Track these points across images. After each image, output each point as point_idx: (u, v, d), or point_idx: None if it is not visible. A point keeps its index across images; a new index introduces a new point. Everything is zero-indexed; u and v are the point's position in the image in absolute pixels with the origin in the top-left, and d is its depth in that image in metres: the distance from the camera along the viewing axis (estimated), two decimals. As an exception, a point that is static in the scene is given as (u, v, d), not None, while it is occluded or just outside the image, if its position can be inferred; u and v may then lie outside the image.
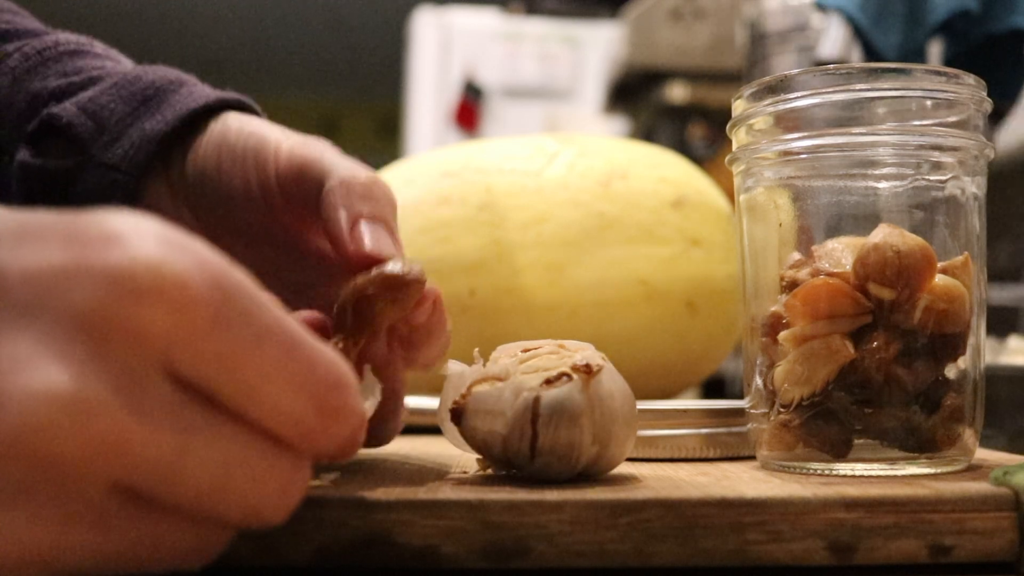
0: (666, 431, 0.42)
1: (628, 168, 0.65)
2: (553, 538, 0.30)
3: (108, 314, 0.21)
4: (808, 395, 0.36)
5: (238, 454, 0.23)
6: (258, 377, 0.23)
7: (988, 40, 0.90)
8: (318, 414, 0.25)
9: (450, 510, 0.30)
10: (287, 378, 0.24)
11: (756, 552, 0.30)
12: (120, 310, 0.21)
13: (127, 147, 0.42)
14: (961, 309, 0.37)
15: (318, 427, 0.25)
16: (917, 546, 0.31)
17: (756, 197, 0.40)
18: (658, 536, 0.30)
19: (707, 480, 0.35)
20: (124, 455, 0.22)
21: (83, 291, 0.21)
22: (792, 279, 0.38)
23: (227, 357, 0.23)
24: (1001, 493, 0.31)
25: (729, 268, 0.65)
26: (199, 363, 0.23)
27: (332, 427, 0.25)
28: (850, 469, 0.36)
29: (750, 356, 0.40)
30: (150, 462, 0.22)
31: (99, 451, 0.21)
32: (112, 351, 0.22)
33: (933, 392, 0.37)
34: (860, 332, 0.36)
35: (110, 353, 0.22)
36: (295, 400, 0.24)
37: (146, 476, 0.22)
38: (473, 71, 2.84)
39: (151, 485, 0.22)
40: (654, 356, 0.64)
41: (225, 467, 0.23)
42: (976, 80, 0.38)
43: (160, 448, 0.22)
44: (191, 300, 0.22)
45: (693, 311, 0.63)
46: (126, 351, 0.22)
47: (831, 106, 0.37)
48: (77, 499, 0.22)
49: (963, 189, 0.38)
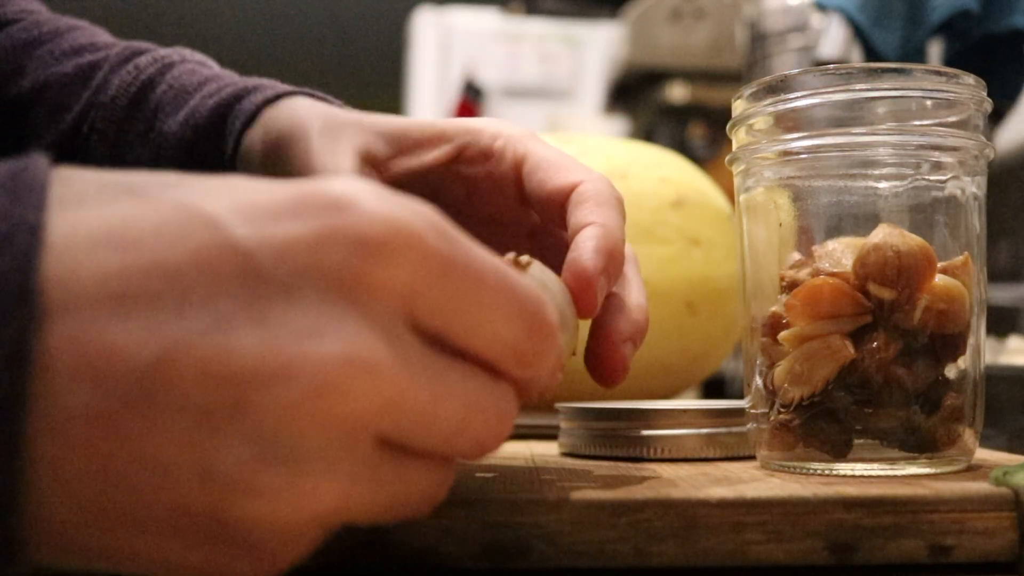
0: (666, 431, 0.42)
1: (628, 168, 0.65)
2: (553, 538, 0.30)
3: (362, 274, 0.22)
4: (808, 395, 0.36)
5: (473, 392, 0.25)
6: (481, 312, 0.25)
7: (988, 40, 0.90)
8: (529, 336, 0.26)
9: (450, 510, 0.30)
10: (504, 308, 0.25)
11: (756, 552, 0.30)
12: (372, 268, 0.22)
13: None
14: (961, 309, 0.37)
15: (531, 349, 0.26)
16: (917, 546, 0.31)
17: (756, 197, 0.40)
18: (658, 536, 0.30)
19: (707, 480, 0.35)
20: (398, 409, 0.23)
21: (336, 257, 0.22)
22: (792, 279, 0.38)
23: (457, 299, 0.24)
24: (1001, 493, 0.31)
25: (729, 268, 0.65)
26: (435, 309, 0.24)
27: (542, 346, 0.26)
28: (850, 469, 0.36)
29: (750, 356, 0.40)
30: (412, 412, 0.23)
31: (383, 407, 0.23)
32: (373, 310, 0.23)
33: (933, 392, 0.37)
34: (860, 332, 0.36)
35: (372, 312, 0.23)
36: (512, 327, 0.25)
37: (407, 426, 0.24)
38: (473, 71, 2.84)
39: (409, 434, 0.24)
40: (654, 356, 0.64)
41: (465, 407, 0.25)
42: (976, 80, 0.38)
43: (419, 398, 0.23)
44: (427, 251, 0.23)
45: (693, 311, 0.63)
46: (383, 308, 0.23)
47: (831, 106, 0.37)
48: (357, 456, 0.23)
49: (963, 189, 0.38)
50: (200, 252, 0.22)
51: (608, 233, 0.35)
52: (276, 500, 0.22)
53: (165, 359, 0.21)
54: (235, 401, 0.21)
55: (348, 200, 0.23)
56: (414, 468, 0.25)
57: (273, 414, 0.21)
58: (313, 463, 0.22)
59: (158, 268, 0.21)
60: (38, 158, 0.23)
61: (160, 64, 0.50)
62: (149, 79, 0.49)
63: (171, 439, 0.21)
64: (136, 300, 0.21)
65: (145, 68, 0.50)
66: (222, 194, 0.23)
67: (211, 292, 0.22)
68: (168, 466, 0.21)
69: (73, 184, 0.23)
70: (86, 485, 0.21)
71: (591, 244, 0.35)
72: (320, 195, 0.23)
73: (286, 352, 0.21)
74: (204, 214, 0.22)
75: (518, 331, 0.26)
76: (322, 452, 0.22)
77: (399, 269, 0.23)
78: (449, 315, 0.24)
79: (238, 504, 0.21)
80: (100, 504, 0.21)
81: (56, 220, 0.21)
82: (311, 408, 0.22)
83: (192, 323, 0.21)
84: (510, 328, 0.25)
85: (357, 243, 0.22)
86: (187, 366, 0.21)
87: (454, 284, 0.24)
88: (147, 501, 0.21)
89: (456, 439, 0.25)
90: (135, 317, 0.21)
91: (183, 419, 0.21)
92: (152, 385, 0.21)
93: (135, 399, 0.21)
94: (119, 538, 0.22)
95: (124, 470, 0.21)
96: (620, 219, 0.37)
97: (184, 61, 0.50)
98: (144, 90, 0.49)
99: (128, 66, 0.50)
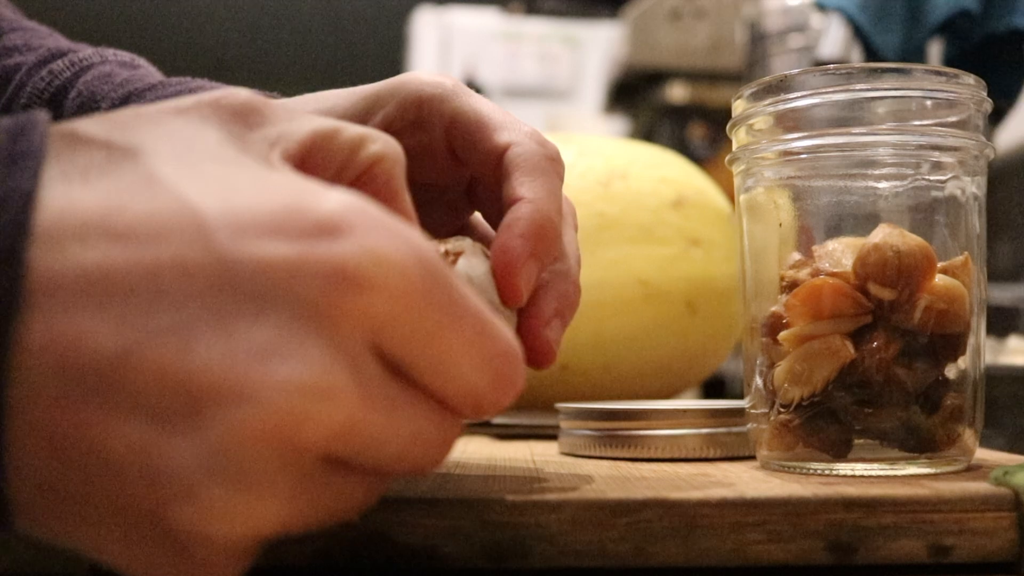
0: (666, 431, 0.42)
1: (628, 168, 0.65)
2: (553, 538, 0.30)
3: (335, 303, 0.22)
4: (808, 395, 0.36)
5: (424, 423, 0.25)
6: (451, 354, 0.25)
7: (988, 40, 0.90)
8: (494, 388, 0.26)
9: (450, 509, 0.30)
10: (476, 356, 0.25)
11: (756, 552, 0.30)
12: (346, 299, 0.23)
13: None
14: (961, 309, 0.37)
15: (492, 399, 0.26)
16: (917, 546, 0.31)
17: (756, 197, 0.40)
18: (658, 536, 0.30)
19: (707, 480, 0.35)
20: (349, 435, 0.23)
21: (312, 284, 0.22)
22: (792, 279, 0.38)
23: (429, 337, 0.24)
24: (1001, 493, 0.31)
25: (729, 268, 0.65)
26: (404, 342, 0.24)
27: (503, 398, 0.27)
28: (850, 469, 0.36)
29: (750, 356, 0.40)
30: (363, 438, 0.24)
31: (335, 434, 0.23)
32: (340, 338, 0.23)
33: (933, 392, 0.37)
34: (860, 332, 0.36)
35: (338, 337, 0.23)
36: (479, 376, 0.26)
37: (355, 449, 0.24)
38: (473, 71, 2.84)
39: (355, 455, 0.24)
40: (654, 356, 0.64)
41: (413, 436, 0.25)
42: (976, 80, 0.38)
43: (372, 426, 0.24)
44: (408, 287, 0.23)
45: (693, 311, 0.63)
46: (350, 334, 0.23)
47: (831, 106, 0.37)
48: (300, 475, 0.23)
49: (963, 189, 0.38)
50: (181, 255, 0.22)
51: (537, 209, 0.34)
52: (213, 514, 0.22)
53: (127, 355, 0.21)
54: (189, 410, 0.21)
55: (337, 224, 0.23)
56: (352, 483, 0.25)
57: (224, 430, 0.21)
58: (256, 483, 0.22)
59: (139, 265, 0.22)
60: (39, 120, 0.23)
61: (77, 68, 0.48)
62: (62, 85, 0.48)
63: (124, 435, 0.21)
64: (112, 294, 0.21)
65: (60, 73, 0.48)
66: (223, 187, 0.23)
67: (184, 296, 0.22)
68: (119, 462, 0.21)
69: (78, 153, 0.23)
70: (43, 466, 0.21)
71: (518, 227, 0.33)
72: (312, 213, 0.23)
73: (246, 371, 0.22)
74: (195, 214, 0.22)
75: (484, 380, 0.26)
76: (267, 473, 0.22)
77: (374, 300, 0.23)
78: (417, 350, 0.24)
79: (178, 510, 0.22)
80: (54, 487, 0.22)
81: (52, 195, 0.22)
82: (263, 431, 0.22)
83: (159, 323, 0.21)
84: (477, 376, 0.26)
85: (336, 274, 0.22)
86: (147, 365, 0.21)
87: (429, 322, 0.24)
88: (96, 492, 0.22)
89: (398, 462, 0.25)
90: (107, 309, 0.21)
91: (137, 418, 0.21)
92: (112, 378, 0.21)
93: (95, 390, 0.21)
94: (68, 524, 0.22)
95: (78, 459, 0.21)
96: (552, 183, 0.35)
97: (104, 62, 0.49)
98: (57, 96, 0.47)
99: (43, 71, 0.49)
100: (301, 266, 0.22)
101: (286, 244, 0.22)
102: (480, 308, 0.26)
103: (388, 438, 0.24)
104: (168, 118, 0.25)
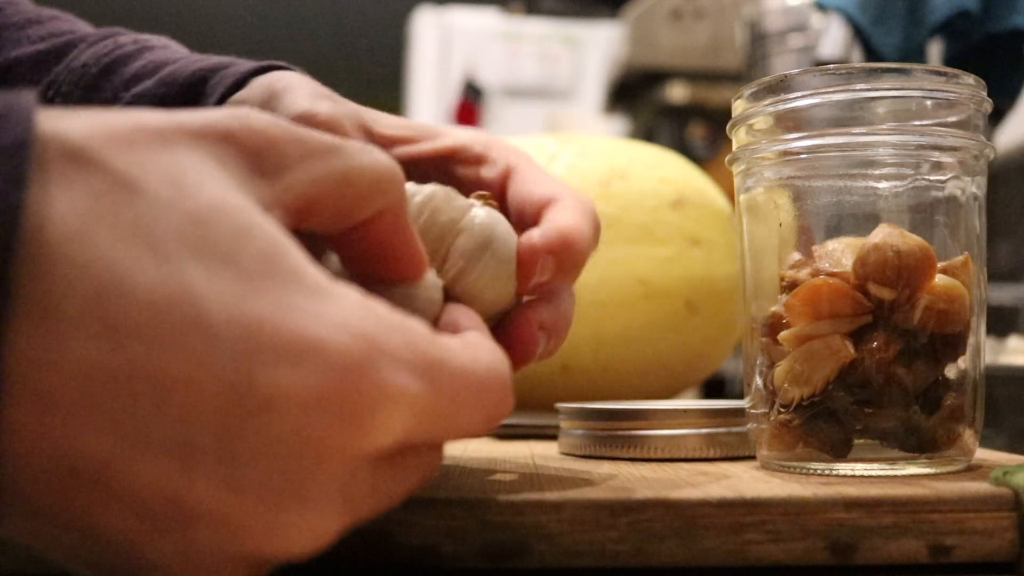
0: (666, 431, 0.42)
1: (628, 168, 0.65)
2: (553, 538, 0.30)
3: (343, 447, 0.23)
4: (808, 395, 0.36)
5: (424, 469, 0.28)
6: (458, 428, 0.27)
7: (988, 40, 0.90)
8: (487, 423, 0.28)
9: (450, 509, 0.30)
10: (474, 408, 0.27)
11: (756, 552, 0.30)
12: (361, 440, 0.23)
13: None
14: (961, 309, 0.37)
15: (485, 430, 0.28)
16: (917, 546, 0.31)
17: (756, 197, 0.40)
18: (658, 536, 0.30)
19: (707, 480, 0.35)
20: None
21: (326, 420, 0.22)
22: (792, 279, 0.38)
23: (440, 425, 0.26)
24: (1001, 493, 0.31)
25: (729, 268, 0.65)
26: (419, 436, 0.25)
27: (493, 424, 0.28)
28: (850, 469, 0.36)
29: (750, 356, 0.40)
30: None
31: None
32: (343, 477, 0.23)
33: (933, 392, 0.37)
34: (860, 332, 0.36)
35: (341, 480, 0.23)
36: (474, 418, 0.27)
37: None
38: (473, 71, 2.84)
39: None
40: (654, 356, 0.64)
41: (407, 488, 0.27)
42: (976, 80, 0.38)
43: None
44: (417, 408, 0.24)
45: (693, 311, 0.63)
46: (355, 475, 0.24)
47: (831, 106, 0.37)
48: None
49: (963, 189, 0.38)
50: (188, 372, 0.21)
51: (575, 228, 0.35)
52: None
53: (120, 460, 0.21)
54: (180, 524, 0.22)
55: (357, 362, 0.22)
56: None
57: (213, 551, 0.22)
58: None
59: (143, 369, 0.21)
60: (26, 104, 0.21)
61: (140, 45, 0.48)
62: (126, 54, 0.48)
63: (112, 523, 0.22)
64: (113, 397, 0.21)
65: (124, 44, 0.48)
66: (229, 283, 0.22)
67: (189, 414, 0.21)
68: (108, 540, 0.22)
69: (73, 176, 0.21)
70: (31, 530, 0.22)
71: (552, 224, 0.35)
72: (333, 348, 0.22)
73: (239, 509, 0.22)
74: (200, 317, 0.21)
75: (480, 420, 0.27)
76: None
77: (383, 440, 0.24)
78: (428, 436, 0.26)
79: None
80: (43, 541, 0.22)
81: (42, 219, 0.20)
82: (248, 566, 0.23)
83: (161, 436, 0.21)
84: (478, 424, 0.27)
85: (353, 417, 0.23)
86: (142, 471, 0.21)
87: (436, 427, 0.26)
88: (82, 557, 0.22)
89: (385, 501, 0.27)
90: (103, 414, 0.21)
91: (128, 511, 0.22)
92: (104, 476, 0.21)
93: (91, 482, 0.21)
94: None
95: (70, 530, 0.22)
96: (590, 230, 0.36)
97: (166, 47, 0.49)
98: (118, 63, 0.47)
99: (107, 41, 0.49)
100: (318, 405, 0.22)
101: (305, 374, 0.22)
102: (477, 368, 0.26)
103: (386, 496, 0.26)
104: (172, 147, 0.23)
